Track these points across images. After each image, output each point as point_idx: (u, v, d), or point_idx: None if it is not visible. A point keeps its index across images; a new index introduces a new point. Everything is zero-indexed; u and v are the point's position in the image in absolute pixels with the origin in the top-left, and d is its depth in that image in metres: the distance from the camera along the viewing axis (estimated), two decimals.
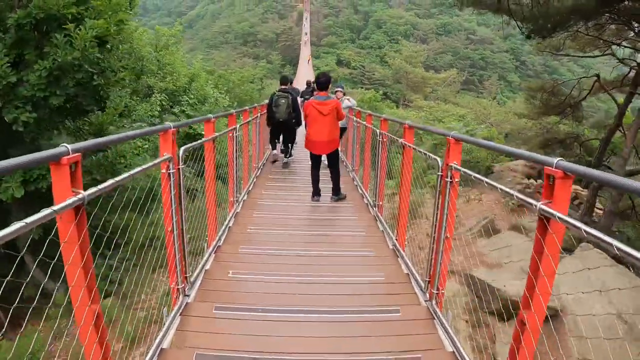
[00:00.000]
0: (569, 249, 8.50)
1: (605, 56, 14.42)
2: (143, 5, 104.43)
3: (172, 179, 2.73)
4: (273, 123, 8.04)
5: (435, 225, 3.15)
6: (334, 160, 6.03)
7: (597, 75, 13.41)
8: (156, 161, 2.57)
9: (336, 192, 6.15)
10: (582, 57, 15.47)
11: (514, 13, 8.56)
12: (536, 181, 13.39)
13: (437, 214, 3.12)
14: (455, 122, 14.57)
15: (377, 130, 5.33)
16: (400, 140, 4.04)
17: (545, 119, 15.76)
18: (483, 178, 2.43)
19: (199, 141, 3.61)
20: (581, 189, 13.45)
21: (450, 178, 2.88)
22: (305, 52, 71.30)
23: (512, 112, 18.59)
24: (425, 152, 3.55)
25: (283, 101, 7.69)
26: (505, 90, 66.90)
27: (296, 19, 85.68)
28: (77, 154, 1.65)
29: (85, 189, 1.71)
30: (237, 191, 5.46)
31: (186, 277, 3.19)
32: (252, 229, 4.91)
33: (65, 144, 1.62)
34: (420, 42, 73.75)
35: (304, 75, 44.39)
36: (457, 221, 9.78)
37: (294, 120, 8.02)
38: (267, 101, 8.41)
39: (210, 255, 3.99)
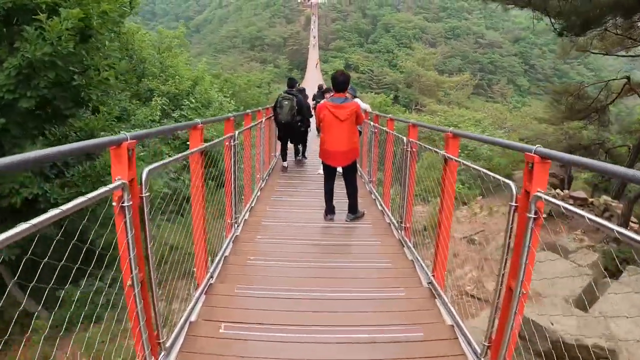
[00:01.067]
0: (611, 272, 7.56)
1: (626, 57, 13.59)
2: (151, 10, 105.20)
3: (126, 213, 1.90)
4: (277, 124, 8.11)
5: (503, 273, 2.29)
6: (351, 173, 5.18)
7: (628, 77, 12.50)
8: (101, 190, 1.72)
9: (353, 210, 5.27)
10: (597, 55, 14.56)
11: (548, 8, 7.69)
12: (562, 191, 12.45)
13: (506, 258, 2.26)
14: (473, 128, 13.72)
15: (404, 138, 4.45)
16: (442, 152, 3.17)
17: (568, 124, 14.83)
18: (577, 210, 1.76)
19: (169, 159, 2.59)
20: (611, 199, 12.47)
21: (536, 214, 2.00)
22: (314, 56, 70.82)
23: (532, 117, 17.63)
24: (493, 174, 2.66)
25: (286, 103, 7.69)
26: (514, 94, 66.16)
27: (304, 23, 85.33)
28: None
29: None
30: (235, 211, 4.59)
31: (159, 343, 2.33)
32: (252, 261, 4.03)
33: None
34: (429, 46, 73.00)
35: (312, 79, 43.80)
36: (483, 236, 8.93)
37: (299, 123, 7.96)
38: (273, 104, 8.48)
39: (198, 300, 3.13)
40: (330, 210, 5.29)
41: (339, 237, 4.96)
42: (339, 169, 5.20)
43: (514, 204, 2.21)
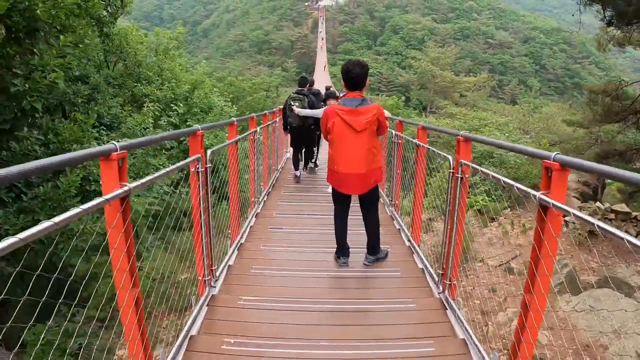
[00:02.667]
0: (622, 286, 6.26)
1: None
2: (159, 15, 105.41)
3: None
4: (289, 129, 7.30)
5: None
6: (371, 203, 3.83)
7: None
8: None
9: (373, 249, 3.90)
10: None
11: None
12: (603, 204, 11.13)
13: None
14: (498, 133, 12.49)
15: (449, 158, 3.21)
16: (538, 194, 1.93)
17: (601, 127, 13.52)
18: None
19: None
20: None
21: None
22: (322, 58, 70.16)
23: (558, 119, 16.33)
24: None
25: (297, 104, 6.81)
26: (525, 95, 64.69)
27: (311, 26, 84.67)
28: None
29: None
30: (214, 258, 3.39)
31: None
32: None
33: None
34: (439, 47, 71.84)
35: (320, 82, 42.77)
36: (522, 262, 7.68)
37: (312, 127, 7.04)
38: (280, 107, 7.86)
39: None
40: (343, 251, 3.89)
41: (357, 296, 3.40)
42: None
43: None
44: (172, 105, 10.94)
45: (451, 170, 3.06)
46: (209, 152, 3.01)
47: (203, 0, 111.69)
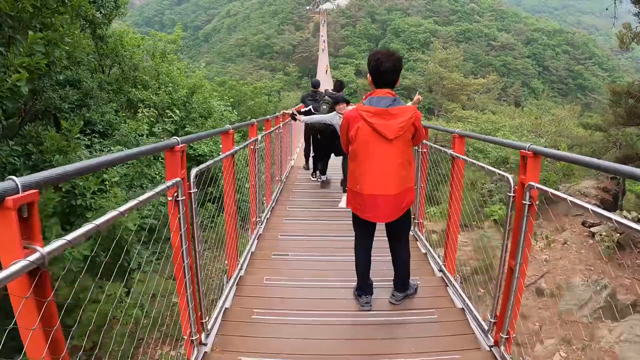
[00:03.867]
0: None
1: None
2: (160, 20, 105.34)
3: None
4: (311, 133, 7.12)
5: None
6: (403, 229, 3.08)
7: None
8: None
9: (403, 285, 3.17)
10: None
11: None
12: (630, 213, 10.40)
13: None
14: (515, 137, 11.80)
15: (509, 178, 2.43)
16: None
17: (621, 131, 12.81)
18: None
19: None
20: None
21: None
22: (323, 61, 69.71)
23: (576, 123, 15.63)
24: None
25: (325, 107, 6.49)
26: (528, 97, 63.99)
27: (313, 30, 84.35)
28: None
29: None
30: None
31: None
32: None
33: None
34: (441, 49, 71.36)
35: (323, 86, 42.20)
36: (553, 280, 6.97)
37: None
38: (287, 111, 7.72)
39: None
40: (365, 289, 3.14)
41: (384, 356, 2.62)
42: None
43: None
44: (167, 111, 10.29)
45: (512, 195, 2.41)
46: (192, 172, 2.33)
47: (204, 5, 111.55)
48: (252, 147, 4.43)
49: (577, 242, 8.58)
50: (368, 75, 2.90)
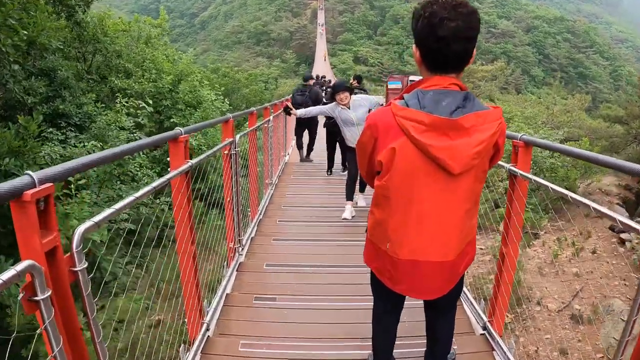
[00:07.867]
0: None
1: None
2: (155, 8, 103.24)
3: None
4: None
5: None
6: (452, 302, 1.96)
7: None
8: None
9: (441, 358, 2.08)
10: None
11: None
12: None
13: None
14: (527, 127, 11.04)
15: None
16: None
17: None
18: None
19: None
20: None
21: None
22: (321, 46, 68.74)
23: (599, 116, 14.87)
24: None
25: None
26: (529, 85, 63.18)
27: (310, 16, 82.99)
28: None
29: None
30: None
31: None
32: None
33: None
34: None
35: (320, 73, 41.38)
36: (589, 302, 6.13)
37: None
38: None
39: None
40: None
41: None
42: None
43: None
44: (157, 98, 9.47)
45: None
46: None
47: None
48: (225, 151, 3.39)
49: (607, 250, 7.51)
50: (414, 48, 1.56)
